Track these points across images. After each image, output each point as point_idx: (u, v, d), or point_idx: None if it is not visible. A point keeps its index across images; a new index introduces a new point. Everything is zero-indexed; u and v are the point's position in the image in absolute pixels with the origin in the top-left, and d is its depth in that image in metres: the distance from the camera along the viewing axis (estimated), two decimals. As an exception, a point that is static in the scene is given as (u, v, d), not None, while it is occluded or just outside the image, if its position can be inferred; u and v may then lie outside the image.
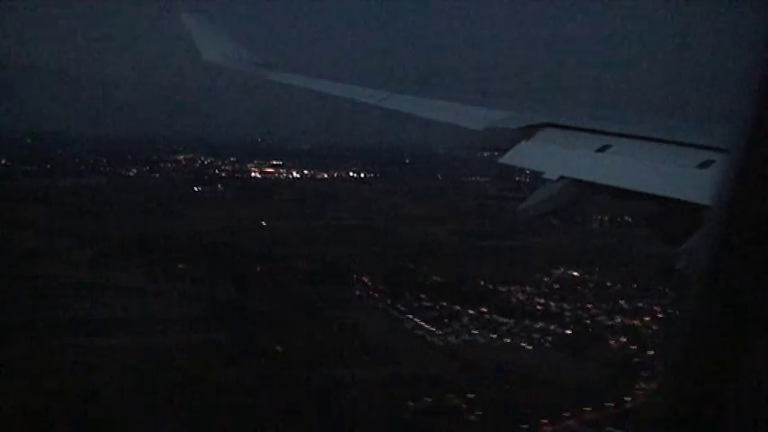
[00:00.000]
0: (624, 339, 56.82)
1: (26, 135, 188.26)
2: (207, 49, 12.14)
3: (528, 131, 6.09)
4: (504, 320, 59.42)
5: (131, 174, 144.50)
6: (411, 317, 59.22)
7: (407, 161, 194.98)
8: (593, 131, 5.72)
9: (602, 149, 5.43)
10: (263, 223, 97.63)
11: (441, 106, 7.78)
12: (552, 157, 5.69)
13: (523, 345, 54.25)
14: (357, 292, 65.59)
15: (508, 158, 6.06)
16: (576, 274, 76.34)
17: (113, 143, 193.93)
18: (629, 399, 45.20)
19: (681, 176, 4.66)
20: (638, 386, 47.50)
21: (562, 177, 5.37)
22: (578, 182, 5.34)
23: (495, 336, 55.59)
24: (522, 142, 6.02)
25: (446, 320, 58.65)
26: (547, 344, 54.90)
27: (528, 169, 6.06)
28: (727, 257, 1.48)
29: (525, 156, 5.95)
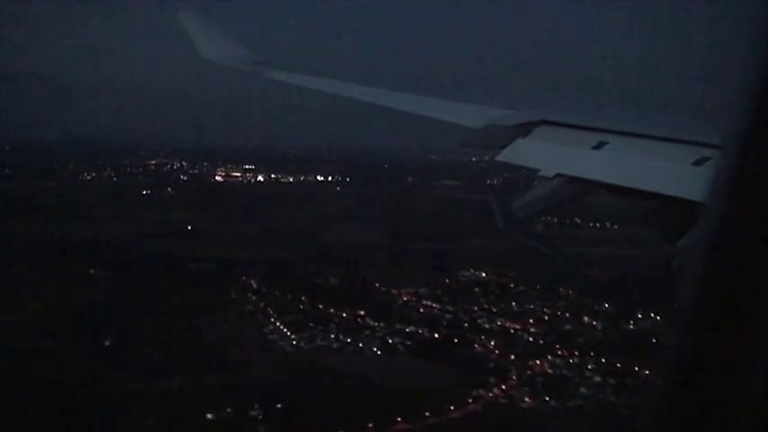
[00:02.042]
0: (493, 343, 53.86)
1: (6, 142, 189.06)
2: (205, 48, 11.94)
3: (525, 129, 6.08)
4: (375, 324, 56.77)
5: (88, 178, 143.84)
6: (276, 321, 56.72)
7: (386, 165, 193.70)
8: (589, 129, 5.68)
9: (598, 147, 5.40)
10: (188, 227, 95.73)
11: (438, 104, 7.69)
12: (548, 155, 5.66)
13: (376, 349, 51.45)
14: (235, 296, 63.21)
15: (504, 156, 6.00)
16: (485, 275, 73.34)
17: (97, 147, 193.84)
18: (452, 408, 42.20)
19: (676, 173, 4.62)
20: (473, 394, 44.57)
21: (558, 175, 5.32)
22: (574, 179, 5.26)
23: (351, 340, 52.86)
24: (519, 139, 6.01)
25: (311, 325, 56.11)
26: (403, 348, 52.04)
27: (524, 167, 5.87)
28: (722, 254, 1.48)
29: (521, 153, 5.91)
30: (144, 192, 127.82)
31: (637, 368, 49.01)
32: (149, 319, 54.48)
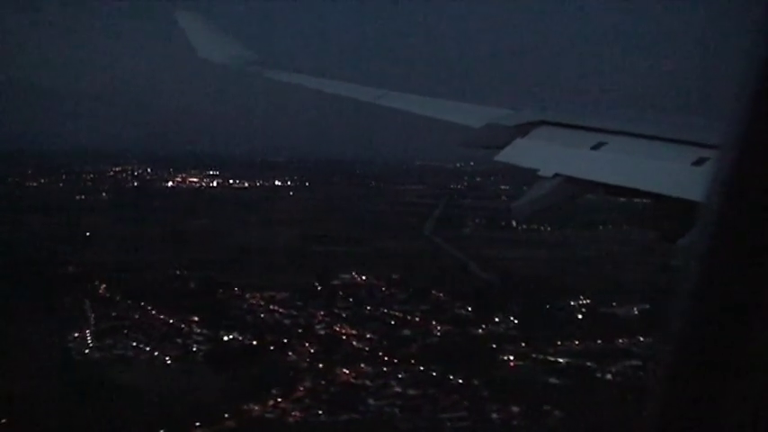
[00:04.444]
0: (312, 351, 49.16)
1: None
2: (203, 47, 11.65)
3: (524, 129, 6.06)
4: (198, 331, 52.38)
5: (33, 184, 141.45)
6: (89, 328, 52.37)
7: (357, 171, 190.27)
8: (588, 129, 5.65)
9: (597, 147, 5.39)
10: (87, 232, 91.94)
11: (437, 104, 7.60)
12: (547, 155, 5.66)
13: (168, 358, 46.91)
14: (69, 302, 58.94)
15: (503, 156, 5.95)
16: (364, 279, 68.58)
17: (70, 155, 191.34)
18: (198, 424, 37.52)
19: (675, 174, 4.57)
20: (240, 408, 39.86)
21: (557, 175, 5.29)
22: (573, 179, 5.22)
23: (153, 348, 48.38)
24: (518, 139, 6.01)
25: (125, 332, 51.71)
26: (202, 357, 47.51)
27: (523, 167, 5.74)
28: (722, 254, 1.49)
29: (520, 153, 5.91)
30: (77, 197, 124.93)
31: (451, 377, 44.12)
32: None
